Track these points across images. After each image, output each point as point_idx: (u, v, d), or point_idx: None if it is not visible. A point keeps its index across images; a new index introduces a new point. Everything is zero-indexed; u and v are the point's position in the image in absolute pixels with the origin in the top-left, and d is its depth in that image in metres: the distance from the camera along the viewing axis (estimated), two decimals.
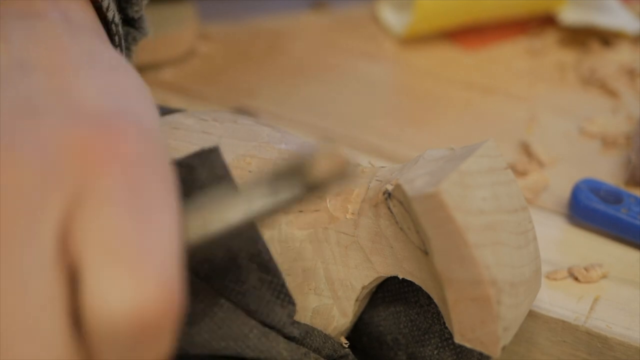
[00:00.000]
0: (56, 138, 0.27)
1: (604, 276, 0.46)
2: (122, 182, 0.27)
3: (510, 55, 0.67)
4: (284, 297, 0.36)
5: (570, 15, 0.67)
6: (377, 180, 0.39)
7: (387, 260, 0.39)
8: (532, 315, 0.44)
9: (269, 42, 0.68)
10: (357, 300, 0.40)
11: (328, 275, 0.40)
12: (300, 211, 0.40)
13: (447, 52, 0.67)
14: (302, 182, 0.28)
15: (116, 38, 0.38)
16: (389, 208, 0.37)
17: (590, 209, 0.48)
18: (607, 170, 0.54)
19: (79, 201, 0.26)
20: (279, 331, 0.37)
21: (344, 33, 0.69)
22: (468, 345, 0.36)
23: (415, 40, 0.67)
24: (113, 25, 0.38)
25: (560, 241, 0.48)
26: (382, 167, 0.40)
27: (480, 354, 0.40)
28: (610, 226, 0.48)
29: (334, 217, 0.40)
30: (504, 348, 0.35)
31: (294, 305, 0.37)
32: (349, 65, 0.65)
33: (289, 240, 0.39)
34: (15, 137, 0.27)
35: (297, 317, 0.38)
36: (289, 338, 0.37)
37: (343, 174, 0.28)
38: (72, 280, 0.26)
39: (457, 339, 0.36)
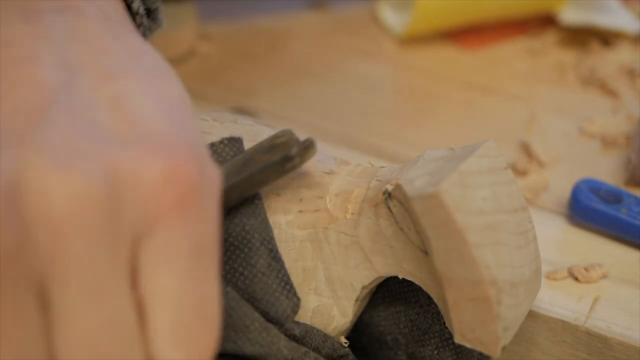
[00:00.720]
0: (130, 169, 0.27)
1: (604, 276, 0.46)
2: (186, 238, 0.28)
3: (510, 55, 0.67)
4: (290, 288, 0.37)
5: (570, 15, 0.67)
6: (377, 180, 0.39)
7: (387, 260, 0.39)
8: (532, 315, 0.44)
9: (269, 42, 0.68)
10: (357, 300, 0.40)
11: (328, 275, 0.40)
12: (300, 211, 0.40)
13: (447, 52, 0.67)
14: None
15: (141, 29, 0.38)
16: (389, 208, 0.37)
17: (590, 209, 0.48)
18: (607, 170, 0.54)
19: (145, 242, 0.27)
20: (281, 326, 0.37)
21: (344, 33, 0.69)
22: (468, 345, 0.36)
23: (415, 40, 0.67)
24: (138, 17, 0.37)
25: (560, 241, 0.48)
26: (382, 167, 0.40)
27: (480, 354, 0.40)
28: (610, 226, 0.48)
29: (334, 217, 0.40)
30: (504, 348, 0.35)
31: (299, 300, 0.37)
32: (349, 65, 0.65)
33: (289, 240, 0.39)
34: (87, 159, 0.27)
35: (297, 317, 0.38)
36: (289, 336, 0.37)
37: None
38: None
39: (457, 339, 0.36)
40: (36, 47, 0.30)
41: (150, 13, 0.40)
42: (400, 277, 0.39)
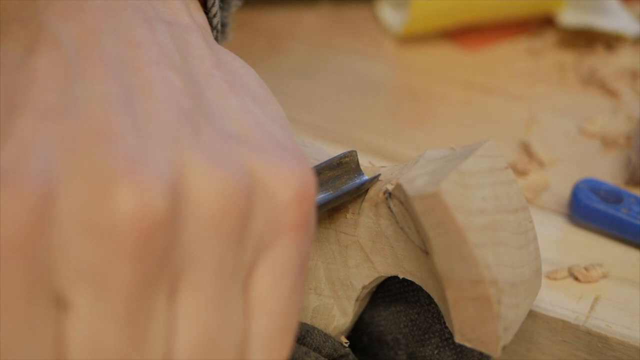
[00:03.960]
0: (269, 181, 0.27)
1: (604, 276, 0.46)
2: (299, 256, 0.28)
3: (510, 55, 0.67)
4: None
5: (569, 18, 0.67)
6: (377, 180, 0.39)
7: (387, 260, 0.39)
8: (532, 315, 0.44)
9: (269, 42, 0.68)
10: (357, 299, 0.40)
11: (328, 274, 0.40)
12: None
13: (447, 52, 0.67)
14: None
15: None
16: (389, 208, 0.37)
17: (590, 209, 0.48)
18: (607, 170, 0.54)
19: (263, 253, 0.28)
20: None
21: (344, 33, 0.69)
22: (468, 344, 0.36)
23: (415, 40, 0.67)
24: (215, 32, 0.38)
25: (560, 241, 0.48)
26: (383, 167, 0.40)
27: (481, 353, 0.40)
28: (610, 226, 0.48)
29: (334, 216, 0.40)
30: (504, 348, 0.35)
31: None
32: (349, 65, 0.65)
33: None
34: (236, 162, 0.27)
35: None
36: None
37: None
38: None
39: (458, 339, 0.36)
40: (162, 51, 0.30)
41: (221, 27, 0.41)
42: (401, 277, 0.39)
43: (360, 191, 0.38)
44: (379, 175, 0.39)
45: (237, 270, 0.27)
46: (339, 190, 0.38)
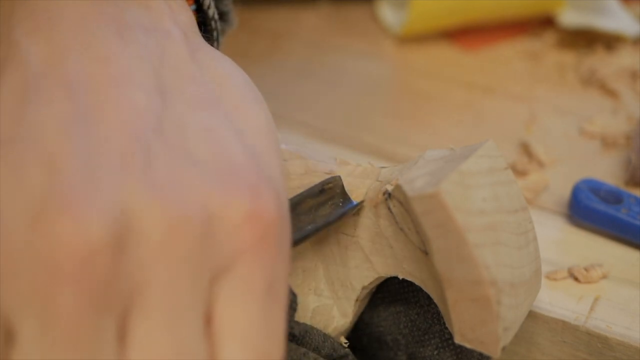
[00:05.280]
0: (219, 206, 0.27)
1: (604, 276, 0.46)
2: (263, 275, 0.28)
3: (510, 56, 0.67)
4: None
5: (569, 18, 0.67)
6: (377, 180, 0.39)
7: (387, 261, 0.39)
8: (532, 315, 0.43)
9: (269, 42, 0.68)
10: (357, 300, 0.40)
11: (328, 275, 0.40)
12: None
13: (447, 52, 0.67)
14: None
15: (215, 33, 0.39)
16: (389, 208, 0.37)
17: (590, 209, 0.48)
18: (607, 170, 0.54)
19: (223, 278, 0.28)
20: None
21: (344, 33, 0.69)
22: (468, 345, 0.36)
23: (415, 40, 0.67)
24: (213, 22, 0.38)
25: (560, 241, 0.48)
26: (383, 167, 0.40)
27: (481, 354, 0.40)
28: (610, 226, 0.48)
29: None
30: (504, 348, 0.35)
31: (295, 296, 0.37)
32: (349, 65, 0.65)
33: None
34: (186, 191, 0.27)
35: (297, 317, 0.38)
36: (288, 336, 0.37)
37: None
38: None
39: (457, 339, 0.36)
40: (132, 66, 0.30)
41: (222, 16, 0.41)
42: (400, 277, 0.39)
43: (345, 217, 0.38)
44: (362, 202, 0.39)
45: (194, 297, 0.27)
46: (318, 223, 0.37)
